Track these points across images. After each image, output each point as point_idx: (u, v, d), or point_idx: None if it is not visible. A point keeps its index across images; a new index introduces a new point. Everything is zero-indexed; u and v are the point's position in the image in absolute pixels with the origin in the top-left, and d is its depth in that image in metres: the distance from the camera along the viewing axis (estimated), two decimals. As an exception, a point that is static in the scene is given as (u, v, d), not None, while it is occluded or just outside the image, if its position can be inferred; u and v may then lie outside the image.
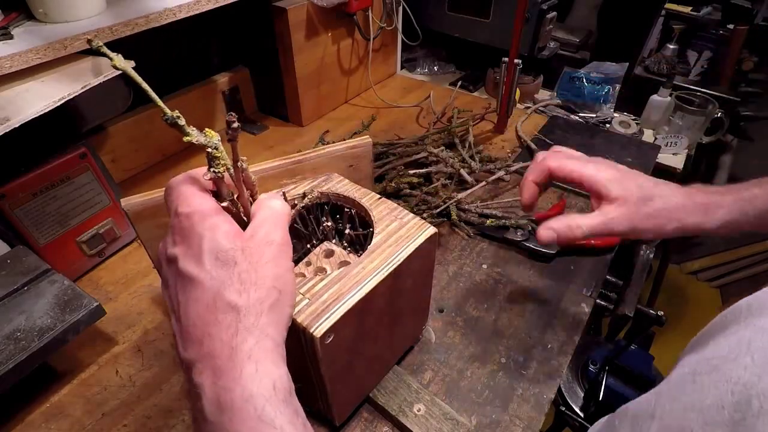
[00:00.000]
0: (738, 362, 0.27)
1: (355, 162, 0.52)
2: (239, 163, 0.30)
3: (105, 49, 0.29)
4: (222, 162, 0.30)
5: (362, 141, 0.51)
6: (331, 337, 0.35)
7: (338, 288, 0.37)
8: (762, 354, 0.26)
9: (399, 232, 0.42)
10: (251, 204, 0.33)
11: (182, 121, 0.29)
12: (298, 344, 0.36)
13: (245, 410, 0.25)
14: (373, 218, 0.44)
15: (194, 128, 0.29)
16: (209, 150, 0.29)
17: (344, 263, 0.47)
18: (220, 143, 0.30)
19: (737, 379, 0.26)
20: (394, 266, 0.39)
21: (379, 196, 0.47)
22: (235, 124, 0.28)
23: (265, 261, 0.29)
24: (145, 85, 0.29)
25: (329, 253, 0.48)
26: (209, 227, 0.28)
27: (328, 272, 0.39)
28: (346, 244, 0.51)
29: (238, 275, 0.28)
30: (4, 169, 0.54)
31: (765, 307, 0.29)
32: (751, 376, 0.26)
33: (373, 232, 0.43)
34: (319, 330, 0.34)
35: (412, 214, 0.44)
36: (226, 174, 0.30)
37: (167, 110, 0.29)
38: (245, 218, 0.33)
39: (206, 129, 0.29)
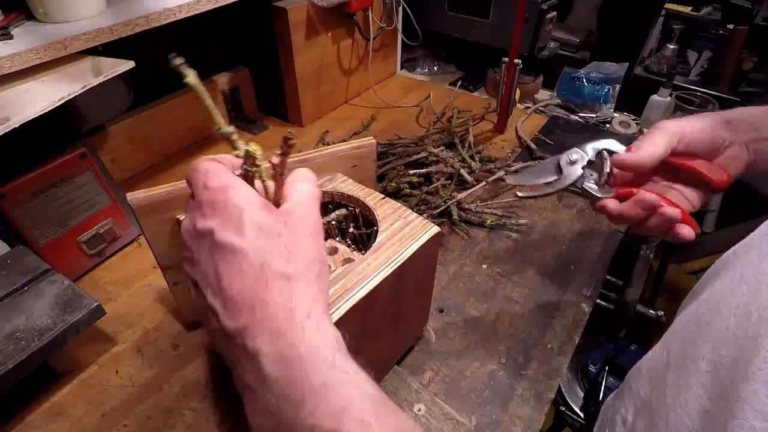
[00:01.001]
0: (735, 293, 0.31)
1: (359, 162, 0.52)
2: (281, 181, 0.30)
3: (183, 68, 0.28)
4: (258, 172, 0.30)
5: (366, 141, 0.52)
6: None
7: (343, 284, 0.37)
8: (754, 280, 0.30)
9: (403, 231, 0.42)
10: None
11: (236, 136, 0.29)
12: None
13: (315, 360, 0.24)
14: (377, 217, 0.44)
15: (243, 142, 0.29)
16: (252, 160, 0.29)
17: (348, 260, 0.47)
18: (262, 158, 0.30)
19: (737, 305, 0.30)
20: (398, 264, 0.39)
21: (382, 195, 0.47)
22: (292, 141, 0.28)
23: (306, 234, 0.29)
24: (209, 102, 0.29)
25: (333, 251, 0.49)
26: (248, 201, 0.27)
27: (332, 269, 0.39)
28: (349, 242, 0.51)
29: (285, 246, 0.27)
30: (4, 169, 0.54)
31: (750, 246, 0.33)
32: (748, 298, 0.30)
33: (377, 231, 0.43)
34: None
35: (415, 214, 0.44)
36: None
37: (223, 125, 0.29)
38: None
39: (251, 143, 0.29)
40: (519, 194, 0.54)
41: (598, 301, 0.64)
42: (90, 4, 0.59)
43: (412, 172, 0.78)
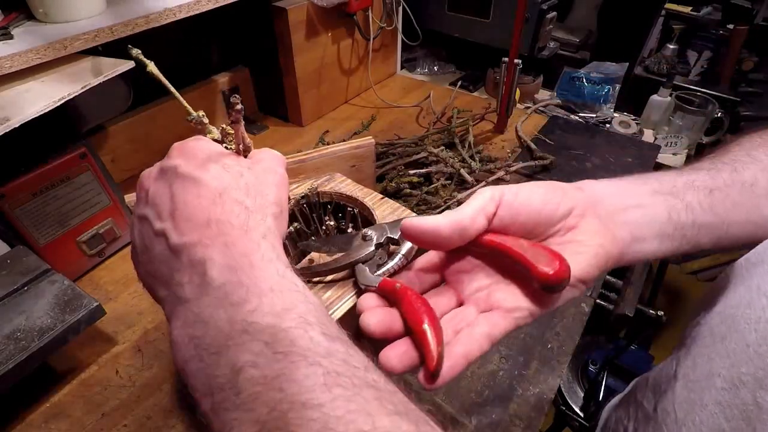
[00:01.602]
0: (753, 305, 0.28)
1: (358, 162, 0.52)
2: (246, 145, 0.32)
3: (141, 57, 0.33)
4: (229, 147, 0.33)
5: (365, 141, 0.52)
6: None
7: (340, 285, 0.37)
8: None
9: None
10: None
11: (206, 120, 0.32)
12: None
13: (267, 269, 0.24)
14: (376, 217, 0.44)
15: (213, 127, 0.33)
16: (229, 137, 0.33)
17: None
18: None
19: (757, 319, 0.28)
20: (399, 264, 0.39)
21: (381, 195, 0.47)
22: (239, 106, 0.30)
23: (270, 182, 0.30)
24: (173, 90, 0.33)
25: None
26: (214, 149, 0.30)
27: None
28: None
29: (245, 183, 0.28)
30: (4, 169, 0.54)
31: (764, 256, 0.30)
32: None
33: None
34: None
35: (414, 214, 0.44)
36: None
37: (192, 112, 0.32)
38: None
39: (221, 125, 0.33)
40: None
41: (598, 301, 0.64)
42: (90, 4, 0.59)
43: (412, 172, 0.78)
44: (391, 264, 0.34)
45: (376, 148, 0.86)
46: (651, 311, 0.67)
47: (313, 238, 0.49)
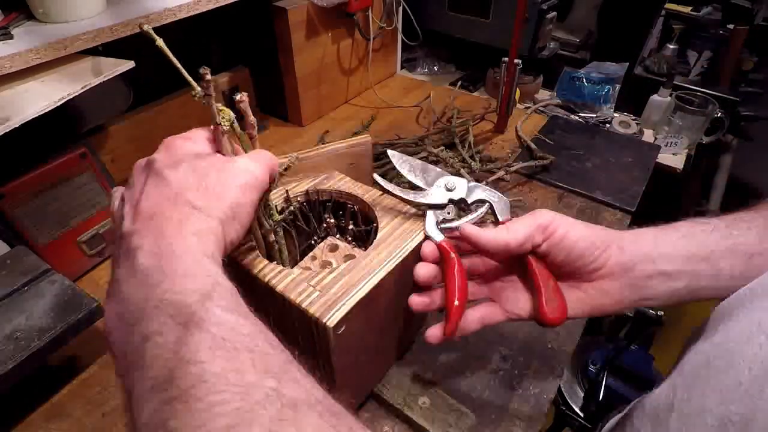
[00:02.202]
0: (752, 342, 0.28)
1: (355, 160, 0.52)
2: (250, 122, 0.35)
3: (152, 32, 0.33)
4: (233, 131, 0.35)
5: (362, 139, 0.52)
6: (343, 328, 0.35)
7: (347, 280, 0.37)
8: None
9: (403, 226, 0.43)
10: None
11: (212, 90, 0.33)
12: (309, 336, 0.36)
13: (185, 257, 0.26)
14: (376, 213, 0.44)
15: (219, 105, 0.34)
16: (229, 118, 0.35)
17: (350, 257, 0.47)
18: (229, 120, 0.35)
19: (753, 357, 0.27)
20: (402, 257, 0.40)
21: (380, 192, 0.47)
22: (208, 77, 0.31)
23: (234, 184, 0.31)
24: (179, 65, 0.34)
25: (334, 248, 0.49)
26: (194, 149, 0.32)
27: (335, 265, 0.40)
28: (349, 238, 0.51)
29: (205, 185, 0.30)
30: (4, 169, 0.54)
31: None
32: (766, 351, 0.26)
33: (376, 228, 0.43)
34: (332, 320, 0.34)
35: (414, 209, 0.44)
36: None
37: (197, 86, 0.33)
38: None
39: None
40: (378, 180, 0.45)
41: (598, 301, 0.64)
42: (90, 4, 0.59)
43: (412, 172, 0.78)
44: (455, 224, 0.41)
45: (375, 148, 0.86)
46: (651, 311, 0.67)
47: (400, 151, 0.51)
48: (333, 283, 0.37)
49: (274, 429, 0.20)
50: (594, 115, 1.07)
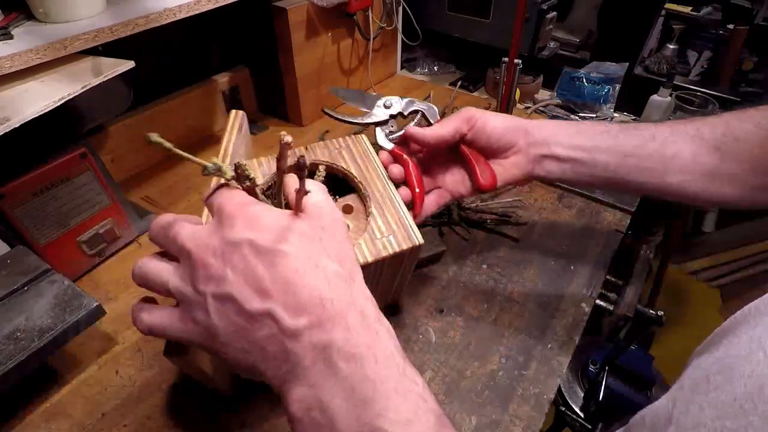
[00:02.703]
0: (751, 358, 0.28)
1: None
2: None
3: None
4: (253, 182, 0.30)
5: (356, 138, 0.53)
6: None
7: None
8: None
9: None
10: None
11: (220, 164, 0.29)
12: None
13: (389, 365, 0.25)
14: (356, 180, 0.48)
15: (229, 167, 0.30)
16: (245, 173, 0.30)
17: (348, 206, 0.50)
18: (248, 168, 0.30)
19: (750, 373, 0.27)
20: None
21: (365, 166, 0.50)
22: (286, 140, 0.27)
23: (342, 238, 0.29)
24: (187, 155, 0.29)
25: (348, 209, 0.49)
26: (273, 212, 0.28)
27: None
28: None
29: (326, 250, 0.27)
30: (4, 169, 0.54)
31: None
32: (762, 367, 0.26)
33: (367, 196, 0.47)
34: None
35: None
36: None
37: (206, 163, 0.29)
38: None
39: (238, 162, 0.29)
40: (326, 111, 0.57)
41: (598, 301, 0.64)
42: (90, 4, 0.59)
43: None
44: (398, 133, 0.53)
45: (376, 148, 0.86)
46: (651, 311, 0.67)
47: (342, 87, 0.64)
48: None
49: None
50: (594, 115, 1.07)
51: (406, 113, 0.54)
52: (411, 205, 0.48)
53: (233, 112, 0.53)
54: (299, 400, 0.25)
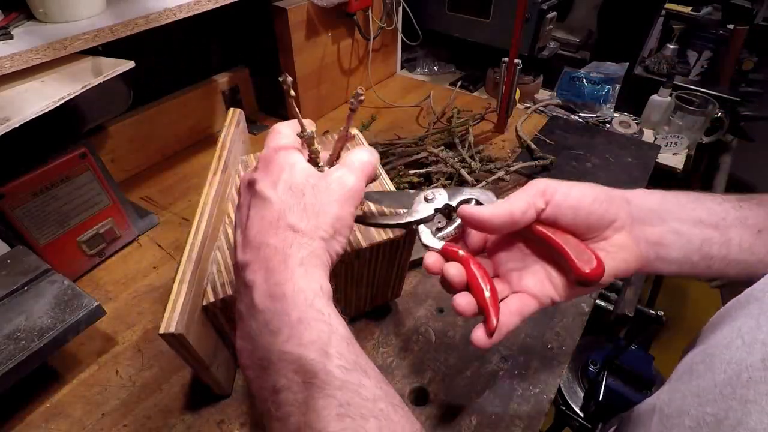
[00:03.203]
0: (730, 346, 0.29)
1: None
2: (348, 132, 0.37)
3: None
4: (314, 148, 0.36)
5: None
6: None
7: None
8: (750, 335, 0.27)
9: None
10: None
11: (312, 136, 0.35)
12: None
13: (297, 299, 0.27)
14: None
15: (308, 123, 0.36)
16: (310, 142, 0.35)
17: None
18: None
19: (729, 360, 0.28)
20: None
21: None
22: (362, 97, 0.35)
23: (331, 200, 0.32)
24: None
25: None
26: (290, 163, 0.32)
27: None
28: None
29: (304, 204, 0.31)
30: (4, 169, 0.54)
31: (751, 297, 0.30)
32: (741, 354, 0.27)
33: None
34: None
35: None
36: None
37: (306, 127, 0.35)
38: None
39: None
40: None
41: (598, 301, 0.64)
42: (90, 4, 0.59)
43: (412, 172, 0.78)
44: (449, 229, 0.39)
45: (376, 147, 0.86)
46: (651, 311, 0.67)
47: (373, 190, 0.49)
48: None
49: None
50: (594, 115, 1.07)
51: (454, 204, 0.40)
52: (483, 317, 0.34)
53: (231, 110, 0.57)
54: (239, 330, 0.29)
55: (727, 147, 1.44)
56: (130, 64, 0.57)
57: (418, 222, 0.40)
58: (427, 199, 0.40)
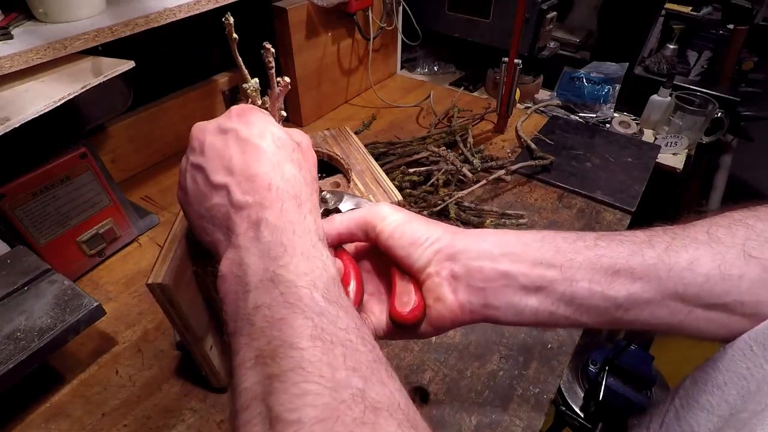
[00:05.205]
0: (734, 360, 0.29)
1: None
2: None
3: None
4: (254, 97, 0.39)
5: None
6: None
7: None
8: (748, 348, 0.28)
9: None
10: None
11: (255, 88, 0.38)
12: None
13: (304, 237, 0.29)
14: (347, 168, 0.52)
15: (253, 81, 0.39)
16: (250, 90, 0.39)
17: (335, 184, 0.55)
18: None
19: (729, 374, 0.29)
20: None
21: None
22: (272, 50, 0.40)
23: (312, 165, 0.35)
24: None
25: (335, 185, 0.55)
26: (267, 119, 0.34)
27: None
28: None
29: (297, 159, 0.33)
30: (4, 169, 0.54)
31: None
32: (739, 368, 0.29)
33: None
34: None
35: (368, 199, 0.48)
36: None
37: (249, 78, 0.38)
38: None
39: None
40: None
41: (598, 301, 0.64)
42: (90, 4, 0.59)
43: (412, 170, 0.78)
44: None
45: (376, 147, 0.86)
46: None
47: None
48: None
49: (354, 431, 0.21)
50: (594, 115, 1.07)
51: (343, 210, 0.39)
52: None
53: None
54: (227, 260, 0.29)
55: (727, 147, 1.44)
56: (130, 64, 0.57)
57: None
58: (322, 200, 0.41)
